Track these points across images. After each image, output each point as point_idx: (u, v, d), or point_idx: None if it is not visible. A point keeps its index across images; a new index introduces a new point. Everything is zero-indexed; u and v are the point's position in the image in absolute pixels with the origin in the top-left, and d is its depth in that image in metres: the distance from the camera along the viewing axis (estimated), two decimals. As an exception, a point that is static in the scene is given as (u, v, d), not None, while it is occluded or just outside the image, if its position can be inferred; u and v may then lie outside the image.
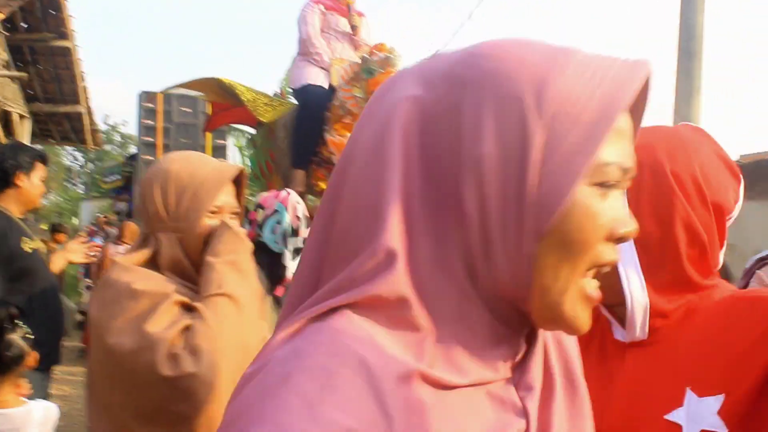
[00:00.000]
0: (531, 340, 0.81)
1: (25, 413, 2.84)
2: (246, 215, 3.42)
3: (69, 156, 45.68)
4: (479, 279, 0.73)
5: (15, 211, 3.61)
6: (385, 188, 0.71)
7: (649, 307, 1.25)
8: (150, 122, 14.75)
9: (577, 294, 0.74)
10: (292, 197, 3.29)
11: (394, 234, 0.70)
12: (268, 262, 3.12)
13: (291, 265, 3.18)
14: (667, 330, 1.27)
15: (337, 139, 5.10)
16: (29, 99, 12.52)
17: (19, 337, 2.88)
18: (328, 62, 5.62)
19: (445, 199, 0.71)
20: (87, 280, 11.52)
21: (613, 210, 0.74)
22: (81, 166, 50.33)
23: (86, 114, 13.32)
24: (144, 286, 1.70)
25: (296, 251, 3.21)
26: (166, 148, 15.02)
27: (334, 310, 0.72)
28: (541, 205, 0.69)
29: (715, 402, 1.19)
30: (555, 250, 0.71)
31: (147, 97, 14.38)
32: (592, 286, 0.76)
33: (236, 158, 17.10)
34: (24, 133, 12.11)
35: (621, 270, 1.22)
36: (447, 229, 0.72)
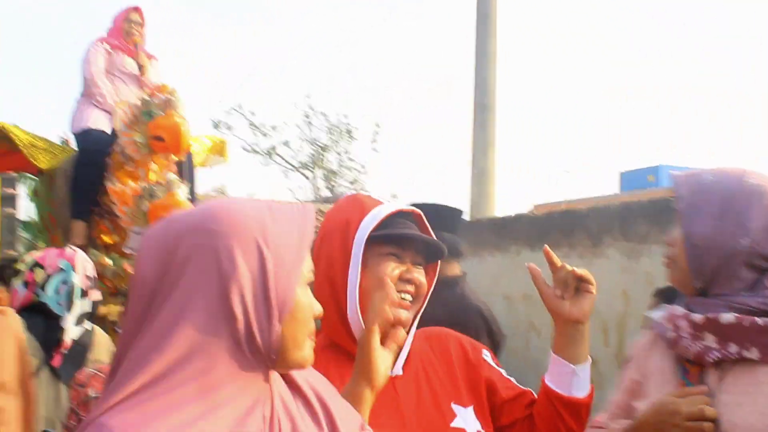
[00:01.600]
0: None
1: None
2: (19, 275, 3.13)
3: None
4: (249, 354, 1.12)
5: None
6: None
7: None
8: None
9: (308, 348, 1.21)
10: (80, 255, 3.13)
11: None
12: (45, 326, 2.93)
13: (72, 330, 2.97)
14: (410, 363, 1.78)
15: (118, 187, 4.81)
16: None
17: None
18: (112, 105, 5.35)
19: (219, 310, 1.10)
20: None
21: (311, 298, 1.22)
22: None
23: None
24: None
25: (82, 316, 3.02)
26: (-57, 196, 13.82)
27: None
28: (279, 302, 1.13)
29: (471, 411, 1.76)
30: (291, 327, 1.16)
31: None
32: (311, 344, 1.22)
33: (30, 208, 16.03)
34: None
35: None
36: (221, 328, 1.10)
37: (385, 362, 1.51)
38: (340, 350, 1.74)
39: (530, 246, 6.22)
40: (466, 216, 8.44)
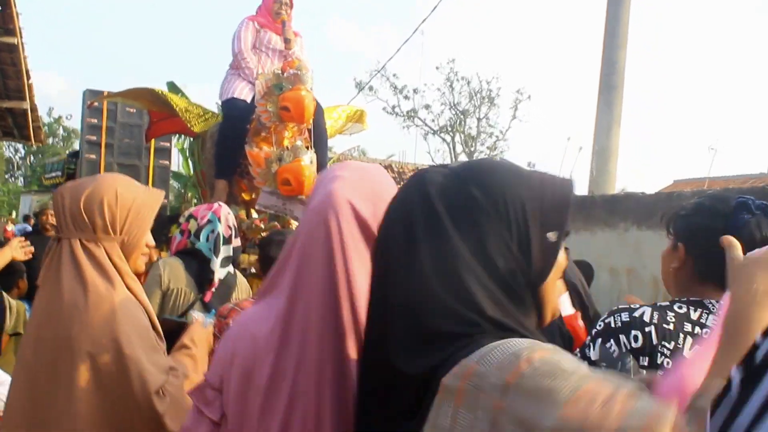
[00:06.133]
0: None
1: None
2: (178, 225, 3.66)
3: (9, 147, 45.12)
4: None
5: None
6: None
7: None
8: (94, 121, 14.75)
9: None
10: (224, 209, 3.56)
11: None
12: (198, 268, 3.41)
13: (219, 271, 3.43)
14: None
15: (254, 151, 5.31)
16: (-28, 93, 12.52)
17: None
18: (256, 77, 5.82)
19: None
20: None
21: None
22: (21, 158, 49.62)
23: (30, 110, 13.30)
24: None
25: (226, 259, 3.46)
26: (110, 148, 15.05)
27: None
28: None
29: None
30: None
31: (92, 95, 14.36)
32: None
33: (179, 160, 17.20)
34: (-36, 126, 12.11)
35: None
36: None
37: None
38: None
39: (637, 224, 6.46)
40: (583, 192, 8.66)
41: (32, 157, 48.25)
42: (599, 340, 2.01)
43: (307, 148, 5.26)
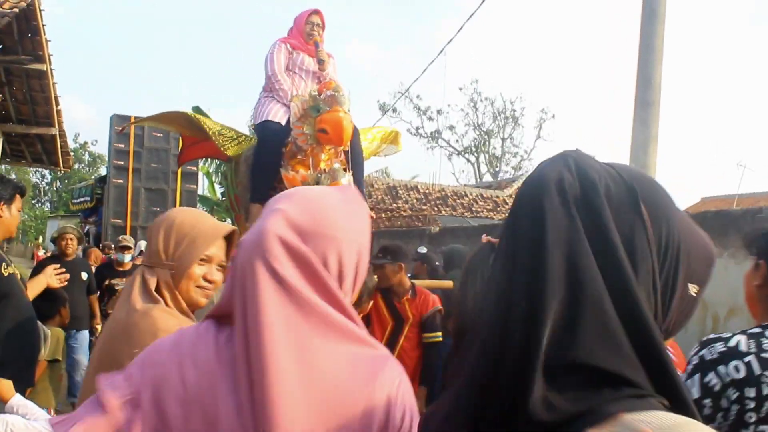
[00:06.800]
0: None
1: None
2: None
3: (36, 173, 45.71)
4: None
5: None
6: None
7: None
8: (122, 146, 14.82)
9: None
10: None
11: None
12: None
13: None
14: None
15: (290, 174, 5.23)
16: (2, 119, 12.60)
17: None
18: (290, 99, 5.74)
19: None
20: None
21: None
22: (48, 184, 50.21)
23: (59, 136, 13.38)
24: None
25: None
26: (137, 173, 15.12)
27: None
28: None
29: None
30: None
31: (119, 120, 14.43)
32: None
33: (204, 183, 17.29)
34: (-5, 152, 12.18)
35: None
36: None
37: None
38: None
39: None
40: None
41: (58, 183, 48.78)
42: (697, 375, 1.92)
43: (345, 170, 5.16)
